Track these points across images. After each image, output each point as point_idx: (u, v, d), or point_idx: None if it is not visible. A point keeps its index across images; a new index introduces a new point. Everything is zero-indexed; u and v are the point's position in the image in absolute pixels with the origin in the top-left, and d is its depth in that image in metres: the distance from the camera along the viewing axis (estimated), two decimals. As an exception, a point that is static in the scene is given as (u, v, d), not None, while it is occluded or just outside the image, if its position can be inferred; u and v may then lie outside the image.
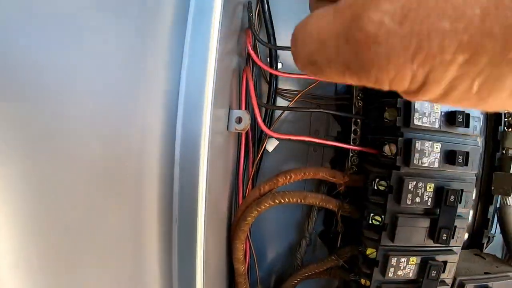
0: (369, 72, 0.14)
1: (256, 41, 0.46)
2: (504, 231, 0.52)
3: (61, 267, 0.21)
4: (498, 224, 0.53)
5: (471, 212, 0.55)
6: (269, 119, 0.46)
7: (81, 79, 0.22)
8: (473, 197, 0.54)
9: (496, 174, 0.51)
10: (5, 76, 0.16)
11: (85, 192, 0.23)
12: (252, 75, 0.41)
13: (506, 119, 0.53)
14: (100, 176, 0.25)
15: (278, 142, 0.48)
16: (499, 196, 0.52)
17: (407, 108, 0.40)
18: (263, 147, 0.46)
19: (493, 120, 0.54)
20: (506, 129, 0.52)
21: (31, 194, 0.18)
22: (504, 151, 0.52)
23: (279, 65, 0.48)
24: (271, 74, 0.46)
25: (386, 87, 0.14)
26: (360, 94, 0.45)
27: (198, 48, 0.35)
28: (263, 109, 0.46)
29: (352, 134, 0.44)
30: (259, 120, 0.38)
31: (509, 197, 0.51)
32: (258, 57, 0.39)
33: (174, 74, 0.34)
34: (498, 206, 0.53)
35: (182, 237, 0.38)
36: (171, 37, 0.34)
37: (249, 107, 0.41)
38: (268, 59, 0.47)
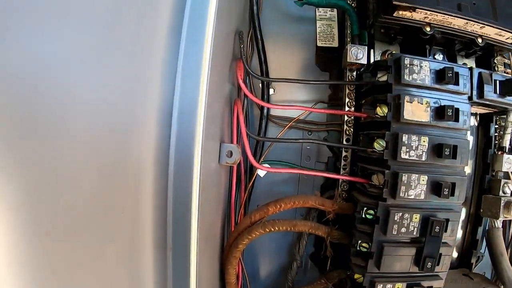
0: None
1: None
2: (491, 252, 0.52)
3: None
4: (486, 245, 0.54)
5: (461, 232, 0.56)
6: (261, 147, 0.47)
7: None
8: (463, 218, 0.55)
9: (485, 197, 0.52)
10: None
11: (83, 223, 0.24)
12: (243, 106, 0.42)
13: (496, 142, 0.54)
14: (98, 207, 0.26)
15: (269, 165, 0.49)
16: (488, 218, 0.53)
17: (395, 141, 0.40)
18: (255, 174, 0.47)
19: (483, 143, 0.54)
20: (496, 152, 0.52)
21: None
22: (493, 174, 0.53)
23: (271, 91, 0.49)
24: (263, 94, 0.47)
25: None
26: (350, 121, 0.46)
27: (188, 80, 0.36)
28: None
29: (342, 161, 0.45)
30: (249, 154, 0.39)
31: (497, 220, 0.52)
32: (248, 90, 0.39)
33: (167, 107, 0.35)
34: (486, 228, 0.54)
35: (176, 264, 0.39)
36: (163, 69, 0.34)
37: (240, 140, 0.42)
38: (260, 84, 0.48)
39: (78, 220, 0.23)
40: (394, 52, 0.48)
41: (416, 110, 0.41)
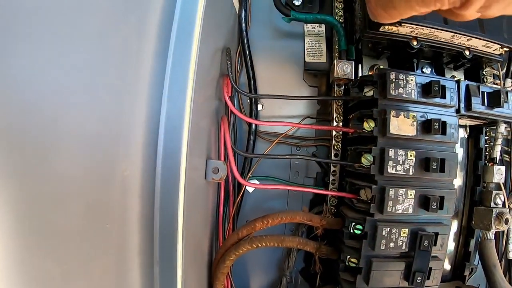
0: None
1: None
2: (484, 264, 0.52)
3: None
4: (479, 257, 0.53)
5: (453, 245, 0.55)
6: (249, 162, 0.47)
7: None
8: (454, 230, 0.55)
9: (477, 209, 0.51)
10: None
11: (70, 240, 0.24)
12: (230, 123, 0.42)
13: (486, 153, 0.54)
14: (84, 223, 0.26)
15: (258, 182, 0.49)
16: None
17: (382, 156, 0.40)
18: (243, 189, 0.47)
19: (473, 154, 0.54)
20: (486, 163, 0.52)
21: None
22: (485, 185, 0.53)
23: (260, 107, 0.49)
24: (250, 111, 0.47)
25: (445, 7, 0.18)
26: (338, 136, 0.46)
27: (174, 101, 0.36)
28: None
29: (331, 176, 0.45)
30: (235, 172, 0.39)
31: (490, 231, 0.52)
32: (236, 106, 0.40)
33: (153, 127, 0.35)
34: (478, 239, 0.53)
35: (163, 279, 0.39)
36: (150, 91, 0.35)
37: (227, 157, 0.42)
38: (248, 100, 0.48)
39: (63, 237, 0.24)
40: (381, 66, 0.48)
41: (402, 125, 0.41)
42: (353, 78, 0.46)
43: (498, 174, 0.52)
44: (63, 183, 0.23)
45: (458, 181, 0.54)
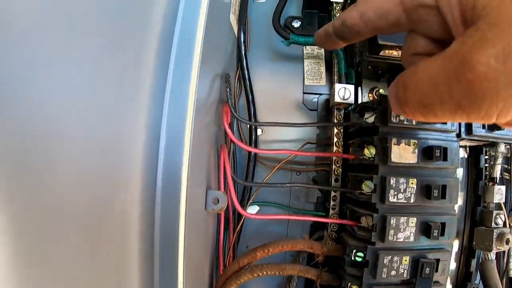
0: (480, 107, 0.17)
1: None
2: (485, 284, 0.52)
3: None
4: (480, 277, 0.53)
5: (454, 265, 0.55)
6: (249, 190, 0.47)
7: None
8: (456, 250, 0.55)
9: (478, 229, 0.51)
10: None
11: (69, 268, 0.24)
12: (230, 151, 0.42)
13: (486, 173, 0.53)
14: (84, 251, 0.25)
15: (258, 207, 0.49)
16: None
17: (383, 185, 0.40)
18: (244, 216, 0.46)
19: (473, 174, 0.54)
20: (487, 183, 0.52)
21: None
22: (485, 205, 0.52)
23: (259, 131, 0.49)
24: (250, 140, 0.47)
25: (493, 120, 0.18)
26: (339, 161, 0.46)
27: (174, 126, 0.36)
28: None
29: (331, 201, 0.45)
30: (236, 202, 0.39)
31: (491, 252, 0.52)
32: (235, 133, 0.39)
33: (152, 155, 0.35)
34: (480, 259, 0.53)
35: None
36: (147, 118, 0.34)
37: (226, 185, 0.42)
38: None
39: (61, 264, 0.23)
40: (381, 90, 0.48)
41: (403, 152, 0.41)
42: (353, 102, 0.46)
43: (499, 194, 0.51)
44: (62, 217, 0.22)
45: (458, 201, 0.54)
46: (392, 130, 0.41)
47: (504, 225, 0.52)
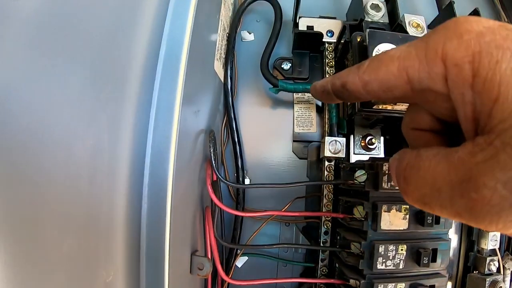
0: (479, 223, 0.17)
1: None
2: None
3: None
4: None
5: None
6: (237, 239, 0.46)
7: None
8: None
9: (470, 276, 0.51)
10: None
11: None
12: (215, 214, 0.41)
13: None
14: None
15: (247, 257, 0.48)
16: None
17: (371, 252, 0.39)
18: (233, 267, 0.46)
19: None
20: (481, 229, 0.51)
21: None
22: (479, 250, 0.52)
23: (247, 181, 0.47)
24: (237, 199, 0.45)
25: (492, 231, 0.19)
26: (328, 218, 0.45)
27: (155, 191, 0.35)
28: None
29: (320, 262, 0.44)
30: (220, 270, 0.38)
31: (484, 299, 0.51)
32: (218, 200, 0.38)
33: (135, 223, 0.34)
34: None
35: None
36: (128, 190, 0.33)
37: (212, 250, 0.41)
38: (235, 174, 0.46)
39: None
40: (374, 139, 0.45)
41: (394, 219, 0.39)
42: (344, 156, 0.44)
43: (493, 240, 0.51)
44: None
45: (452, 244, 0.53)
46: (383, 195, 0.39)
47: (498, 271, 0.51)
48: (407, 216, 0.39)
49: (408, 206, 0.39)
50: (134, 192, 0.34)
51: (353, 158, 0.45)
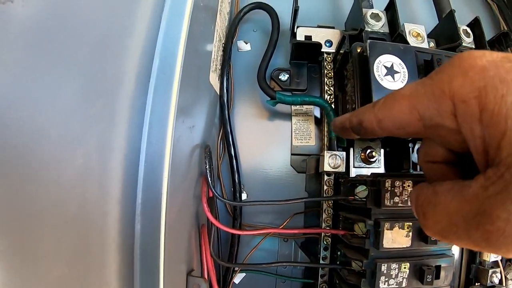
0: (496, 251, 0.18)
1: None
2: None
3: None
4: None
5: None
6: (234, 254, 0.45)
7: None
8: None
9: (472, 288, 0.50)
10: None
11: None
12: (211, 232, 0.39)
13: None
14: None
15: (245, 274, 0.46)
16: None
17: (373, 271, 0.38)
18: (231, 285, 0.44)
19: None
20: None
21: None
22: (481, 262, 0.51)
23: (244, 196, 0.46)
24: (234, 214, 0.44)
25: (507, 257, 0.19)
26: (327, 234, 0.43)
27: (149, 209, 0.34)
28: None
29: (319, 278, 0.43)
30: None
31: (486, 312, 0.50)
32: (214, 218, 0.36)
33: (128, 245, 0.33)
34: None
35: None
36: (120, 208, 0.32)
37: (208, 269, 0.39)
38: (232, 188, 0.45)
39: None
40: (375, 151, 0.44)
41: (397, 237, 0.38)
42: (344, 170, 0.42)
43: (495, 253, 0.50)
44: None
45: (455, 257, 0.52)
46: (385, 212, 0.38)
47: (500, 282, 0.50)
48: (410, 234, 0.38)
49: (411, 223, 0.38)
50: (127, 212, 0.32)
51: (353, 172, 0.44)
